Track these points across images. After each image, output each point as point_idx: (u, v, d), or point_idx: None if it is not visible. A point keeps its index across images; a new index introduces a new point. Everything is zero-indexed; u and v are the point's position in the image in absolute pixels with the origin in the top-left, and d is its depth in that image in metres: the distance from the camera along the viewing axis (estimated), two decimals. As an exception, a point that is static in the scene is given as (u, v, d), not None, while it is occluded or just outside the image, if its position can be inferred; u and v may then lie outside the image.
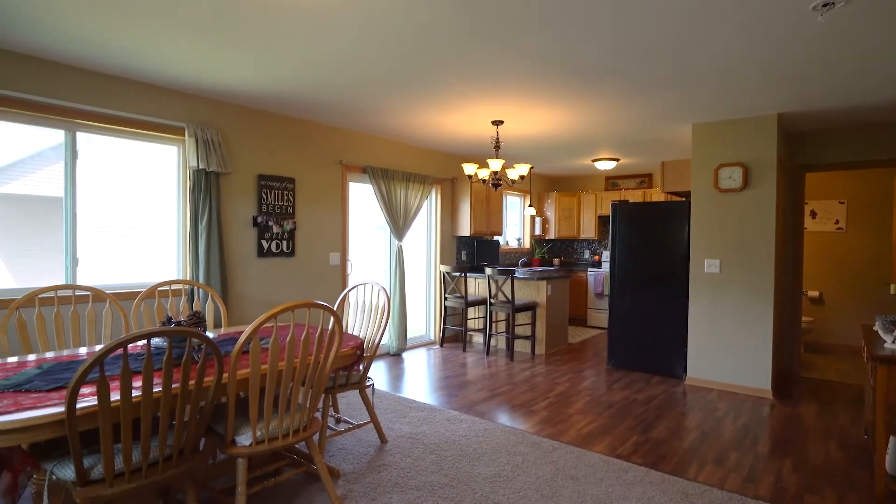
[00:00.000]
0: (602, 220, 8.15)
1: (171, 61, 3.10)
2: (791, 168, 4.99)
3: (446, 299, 5.94)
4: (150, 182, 3.72)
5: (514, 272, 5.37)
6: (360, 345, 2.71)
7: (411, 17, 2.45)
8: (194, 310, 3.03)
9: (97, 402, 1.61)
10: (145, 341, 1.72)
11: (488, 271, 5.56)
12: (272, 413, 2.25)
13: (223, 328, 3.16)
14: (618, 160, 6.57)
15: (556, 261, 8.46)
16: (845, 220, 6.28)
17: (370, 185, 5.24)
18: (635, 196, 7.59)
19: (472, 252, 6.71)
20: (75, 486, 1.69)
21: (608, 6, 2.30)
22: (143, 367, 1.65)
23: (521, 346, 5.91)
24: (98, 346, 2.63)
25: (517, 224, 8.27)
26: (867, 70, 3.10)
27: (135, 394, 1.76)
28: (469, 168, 4.61)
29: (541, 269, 7.27)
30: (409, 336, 5.95)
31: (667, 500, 2.47)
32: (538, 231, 8.39)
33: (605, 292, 7.42)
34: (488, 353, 5.67)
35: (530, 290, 5.83)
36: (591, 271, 7.60)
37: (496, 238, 7.12)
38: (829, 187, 6.41)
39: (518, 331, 5.94)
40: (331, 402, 3.44)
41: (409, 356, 5.50)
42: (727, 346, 4.40)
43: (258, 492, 2.51)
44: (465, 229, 6.30)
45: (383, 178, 5.26)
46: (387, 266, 5.65)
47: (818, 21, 2.42)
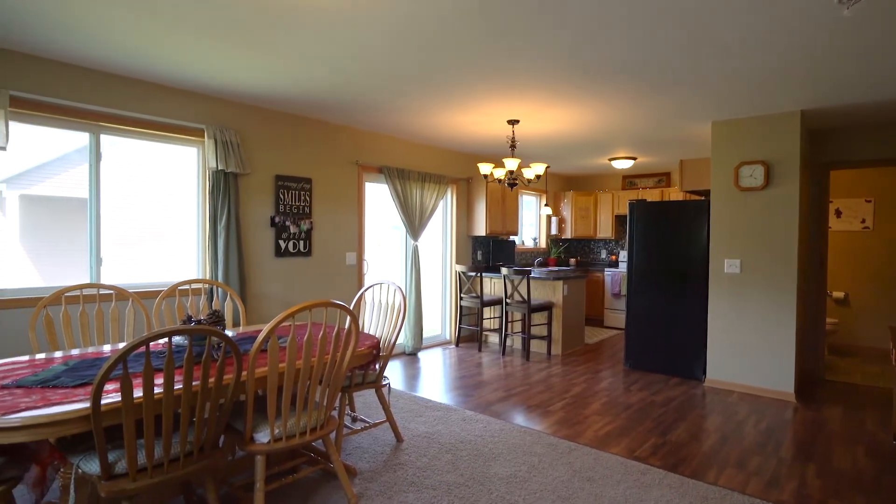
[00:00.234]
0: (619, 220, 8.06)
1: (191, 64, 3.16)
2: (815, 166, 4.87)
3: (462, 299, 5.94)
4: (170, 183, 3.79)
5: (530, 272, 5.35)
6: (376, 344, 2.72)
7: (427, 17, 2.45)
8: (214, 308, 3.08)
9: (121, 399, 1.64)
10: (167, 339, 1.75)
11: (504, 271, 5.54)
12: (290, 411, 2.28)
13: (241, 327, 3.21)
14: (635, 159, 6.49)
15: (573, 261, 8.40)
16: (872, 219, 6.10)
17: (386, 185, 5.26)
18: (653, 195, 7.48)
19: (488, 252, 6.70)
20: (100, 479, 1.73)
21: (624, 2, 2.27)
22: (165, 364, 1.68)
23: (537, 347, 5.87)
24: (121, 344, 2.69)
25: (533, 224, 8.22)
26: (895, 64, 3.01)
27: (156, 391, 1.79)
28: (485, 167, 4.60)
29: (557, 268, 7.22)
30: (424, 336, 5.96)
31: (686, 504, 2.43)
32: (554, 231, 8.33)
33: (622, 292, 7.34)
34: (504, 353, 5.65)
35: (546, 290, 5.80)
36: (608, 271, 7.52)
37: (512, 238, 7.09)
38: (855, 185, 6.23)
39: (534, 331, 5.91)
40: (347, 401, 3.46)
41: (425, 356, 5.52)
42: (748, 348, 4.31)
43: (276, 489, 2.54)
44: (480, 229, 6.29)
45: (399, 177, 5.28)
46: (402, 266, 5.67)
47: (844, 15, 2.35)
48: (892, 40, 2.65)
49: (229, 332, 2.89)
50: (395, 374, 4.76)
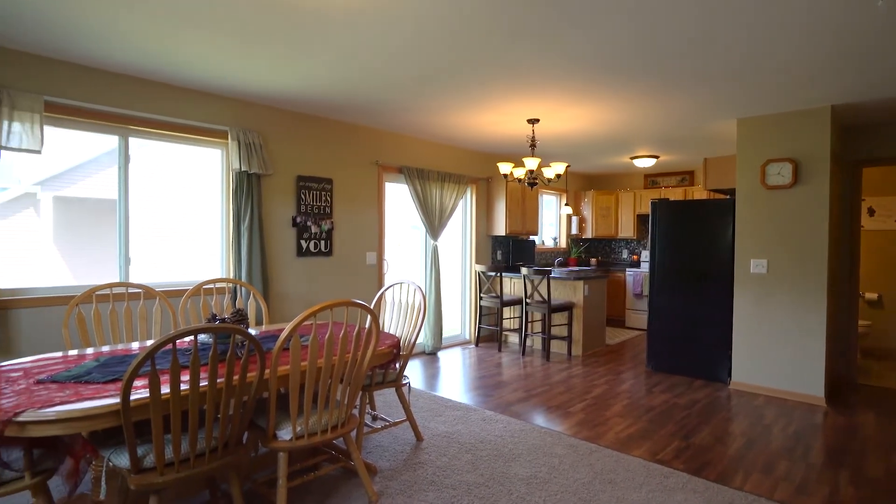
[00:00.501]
0: (641, 219, 7.93)
1: (216, 68, 3.22)
2: (846, 163, 4.71)
3: (481, 299, 5.92)
4: (195, 184, 3.88)
5: (550, 272, 5.31)
6: (396, 343, 2.74)
7: (446, 18, 2.45)
8: (237, 307, 3.14)
9: (149, 395, 1.69)
10: (192, 337, 1.80)
11: (524, 271, 5.50)
12: (311, 409, 2.31)
13: (264, 325, 3.26)
14: (657, 157, 6.38)
15: (594, 261, 8.30)
16: (907, 218, 5.87)
17: (406, 185, 5.29)
18: (676, 194, 7.35)
19: (508, 252, 6.67)
20: (130, 473, 1.78)
21: (649, -1, 2.24)
22: (191, 362, 1.72)
23: (558, 347, 5.83)
24: (149, 341, 2.77)
25: (553, 223, 8.16)
26: (933, 57, 2.90)
27: (183, 387, 1.83)
28: (504, 167, 4.58)
29: (577, 268, 7.15)
30: (444, 335, 5.97)
31: (711, 509, 2.38)
32: (574, 230, 8.25)
33: (644, 293, 7.22)
34: (524, 354, 5.62)
35: (567, 290, 5.75)
36: (630, 271, 7.41)
37: (532, 238, 7.05)
38: (889, 183, 6.01)
39: (554, 331, 5.86)
40: (367, 400, 3.49)
41: (445, 355, 5.52)
42: (775, 350, 4.20)
43: (298, 485, 2.58)
44: (500, 229, 6.26)
45: (419, 177, 5.30)
46: (422, 265, 5.69)
47: (878, 5, 2.27)
48: (930, 32, 2.55)
49: (252, 331, 2.94)
50: (415, 373, 4.78)
